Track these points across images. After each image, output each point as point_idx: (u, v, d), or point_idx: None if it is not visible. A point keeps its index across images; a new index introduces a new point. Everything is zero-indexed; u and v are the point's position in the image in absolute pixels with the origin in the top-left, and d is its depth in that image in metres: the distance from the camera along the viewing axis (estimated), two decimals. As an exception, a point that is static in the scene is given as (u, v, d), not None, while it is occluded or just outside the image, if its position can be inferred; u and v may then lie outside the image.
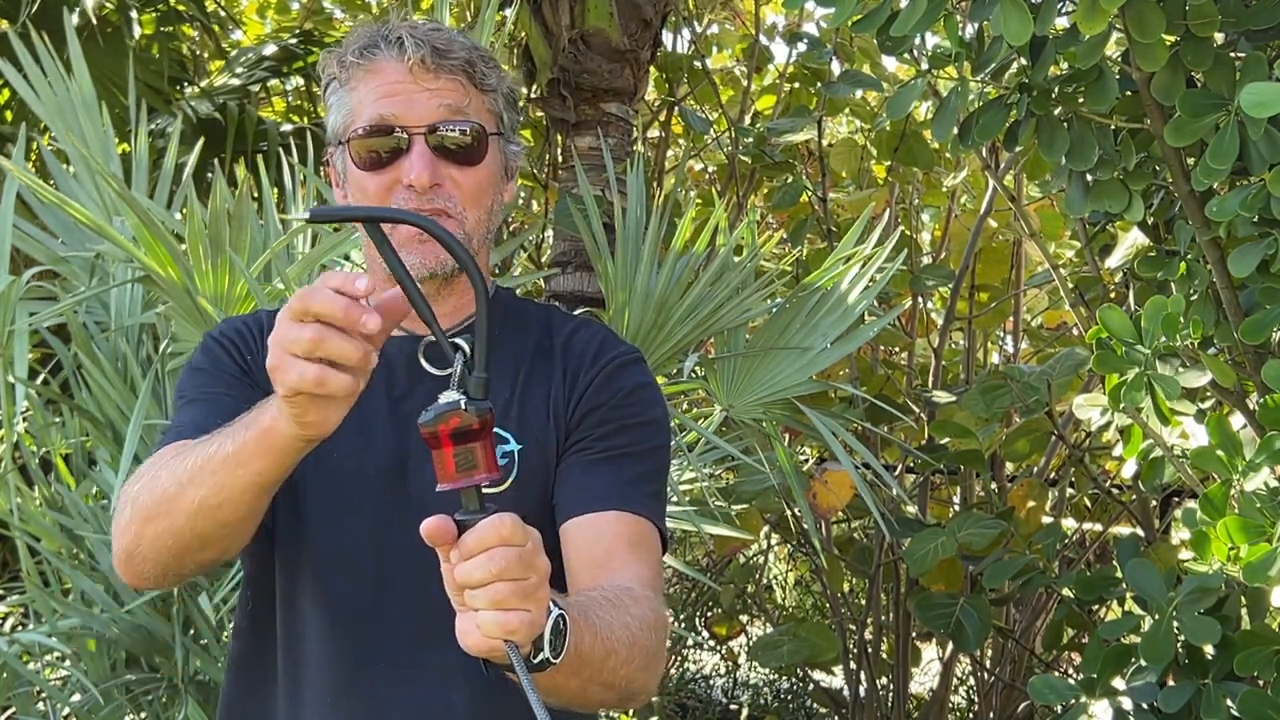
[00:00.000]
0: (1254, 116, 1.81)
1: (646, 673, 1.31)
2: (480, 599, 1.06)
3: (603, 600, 1.27)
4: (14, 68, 2.76)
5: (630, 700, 1.33)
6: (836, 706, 4.40)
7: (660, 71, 4.66)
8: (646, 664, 1.30)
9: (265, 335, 1.48)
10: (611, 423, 1.43)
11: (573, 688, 1.22)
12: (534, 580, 1.07)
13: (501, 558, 1.05)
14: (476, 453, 1.07)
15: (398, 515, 1.39)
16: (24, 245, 2.58)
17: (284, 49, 4.79)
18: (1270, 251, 1.99)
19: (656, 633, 1.32)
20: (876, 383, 4.06)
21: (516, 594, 1.06)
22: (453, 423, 1.06)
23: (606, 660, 1.23)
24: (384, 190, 1.41)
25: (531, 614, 1.07)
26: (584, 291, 3.42)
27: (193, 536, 1.26)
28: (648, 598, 1.34)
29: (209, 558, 1.32)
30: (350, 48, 1.43)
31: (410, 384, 1.45)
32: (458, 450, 1.07)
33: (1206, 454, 2.05)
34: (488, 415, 1.07)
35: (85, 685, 2.36)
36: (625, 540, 1.39)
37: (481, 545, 1.06)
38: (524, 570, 1.06)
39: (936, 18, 1.92)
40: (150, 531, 1.27)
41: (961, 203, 4.53)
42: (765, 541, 4.80)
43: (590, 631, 1.20)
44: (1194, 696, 2.22)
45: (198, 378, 1.46)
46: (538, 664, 1.13)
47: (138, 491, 1.29)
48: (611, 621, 1.25)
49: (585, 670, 1.20)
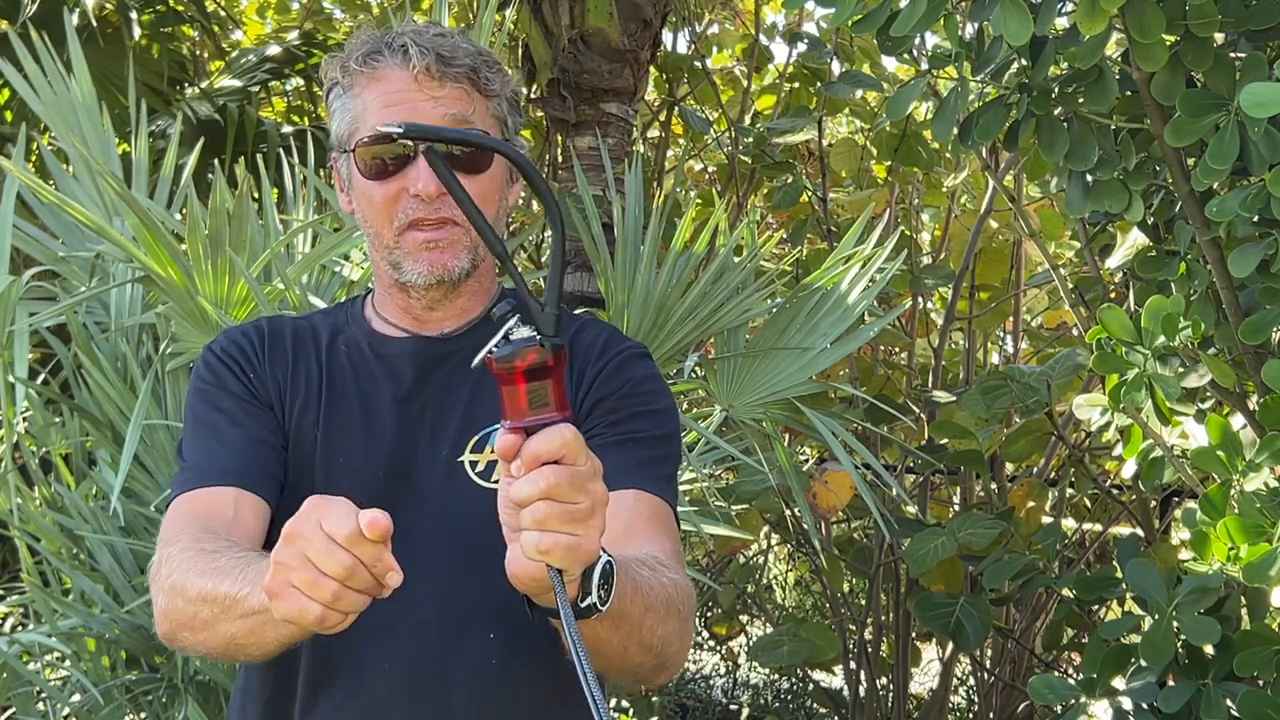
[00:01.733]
0: (1254, 116, 1.81)
1: (681, 638, 1.30)
2: (525, 518, 1.03)
3: (637, 560, 1.25)
4: (14, 68, 2.77)
5: (662, 670, 1.31)
6: (836, 706, 4.40)
7: (660, 71, 4.67)
8: (680, 628, 1.29)
9: (266, 344, 1.48)
10: (621, 410, 1.43)
11: (615, 644, 1.20)
12: (585, 505, 1.03)
13: (551, 474, 1.01)
14: (549, 390, 1.04)
15: (404, 514, 1.40)
16: (24, 245, 2.58)
17: (284, 49, 4.79)
18: (1270, 251, 1.99)
19: (688, 600, 1.31)
20: (876, 383, 4.06)
21: (560, 516, 1.02)
22: (529, 358, 1.04)
23: (645, 617, 1.21)
24: (390, 199, 1.41)
25: (576, 539, 1.03)
26: (584, 291, 3.42)
27: (227, 655, 1.27)
28: (675, 566, 1.33)
29: (249, 660, 1.33)
30: (354, 54, 1.43)
31: (416, 384, 1.46)
32: (531, 386, 1.04)
33: (1206, 454, 2.05)
34: (561, 353, 1.06)
35: (85, 685, 2.36)
36: (644, 516, 1.38)
37: (536, 459, 1.02)
38: (573, 493, 1.02)
39: (936, 18, 1.92)
40: (188, 639, 1.28)
41: (961, 203, 4.54)
42: (765, 541, 4.81)
43: (631, 584, 1.17)
44: (1194, 696, 2.22)
45: (207, 399, 1.46)
46: (584, 609, 1.09)
47: (170, 589, 1.27)
48: (650, 579, 1.23)
49: (625, 625, 1.18)
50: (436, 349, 1.48)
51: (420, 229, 1.41)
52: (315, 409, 1.46)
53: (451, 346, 1.48)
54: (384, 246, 1.43)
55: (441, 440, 1.42)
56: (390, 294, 1.50)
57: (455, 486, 1.41)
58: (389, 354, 1.48)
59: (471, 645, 1.39)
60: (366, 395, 1.46)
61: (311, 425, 1.45)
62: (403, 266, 1.42)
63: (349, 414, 1.45)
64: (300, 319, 1.58)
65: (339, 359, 1.49)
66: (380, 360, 1.48)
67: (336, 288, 2.60)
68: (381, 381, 1.47)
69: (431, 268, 1.41)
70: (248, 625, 1.19)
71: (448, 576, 1.39)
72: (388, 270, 1.45)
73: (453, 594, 1.39)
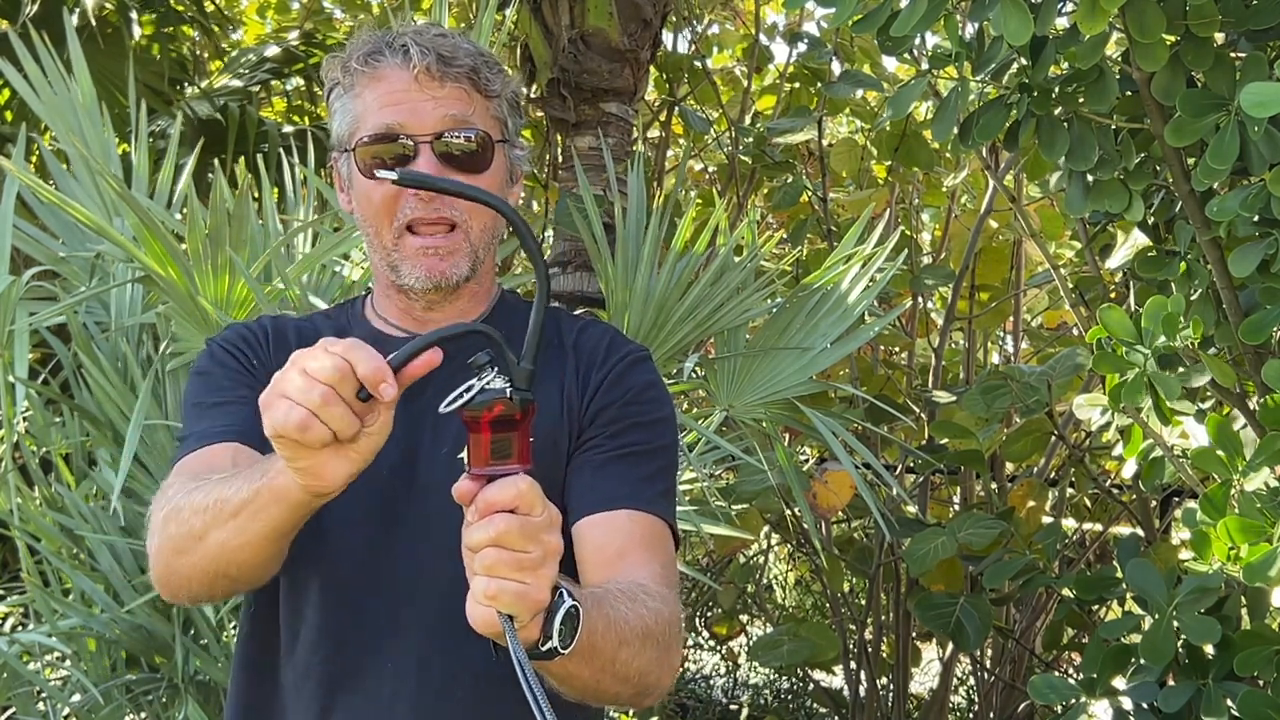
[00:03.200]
0: (1254, 116, 1.81)
1: (660, 666, 1.30)
2: (476, 563, 1.06)
3: (618, 593, 1.27)
4: (14, 68, 2.77)
5: (645, 696, 1.32)
6: (836, 706, 4.40)
7: (660, 71, 4.67)
8: (660, 657, 1.30)
9: (271, 339, 1.48)
10: (622, 420, 1.43)
11: (585, 677, 1.21)
12: (535, 555, 1.05)
13: (501, 523, 1.04)
14: (513, 442, 1.07)
15: (407, 512, 1.40)
16: (24, 245, 2.58)
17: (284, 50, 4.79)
18: (1270, 251, 1.99)
19: (671, 628, 1.32)
20: (876, 383, 4.06)
21: (509, 564, 1.05)
22: (496, 410, 1.07)
23: (619, 651, 1.22)
24: (390, 199, 1.41)
25: (524, 587, 1.05)
26: (584, 291, 3.42)
27: (218, 574, 1.28)
28: (662, 594, 1.34)
29: (239, 588, 1.35)
30: (354, 53, 1.43)
31: (418, 384, 1.45)
32: (495, 438, 1.07)
33: (1206, 454, 2.05)
34: (529, 407, 1.08)
35: (85, 685, 2.36)
36: (638, 539, 1.39)
37: (490, 507, 1.05)
38: (524, 542, 1.05)
39: (936, 18, 1.92)
40: (180, 564, 1.29)
41: (961, 203, 4.54)
42: (765, 541, 4.80)
43: (603, 620, 1.19)
44: (1194, 696, 2.22)
45: (207, 382, 1.46)
46: (544, 652, 1.11)
47: (164, 519, 1.30)
48: (626, 613, 1.24)
49: (597, 660, 1.19)
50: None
51: (419, 232, 1.41)
52: None
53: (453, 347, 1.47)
54: (382, 248, 1.43)
55: (443, 439, 1.41)
56: (389, 295, 1.50)
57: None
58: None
59: (474, 646, 1.38)
60: None
61: None
62: (400, 270, 1.42)
63: None
64: (303, 320, 1.58)
65: None
66: None
67: (336, 288, 2.60)
68: None
69: (429, 274, 1.41)
70: (238, 523, 1.20)
71: (450, 576, 1.39)
72: (386, 272, 1.45)
73: (455, 594, 1.39)
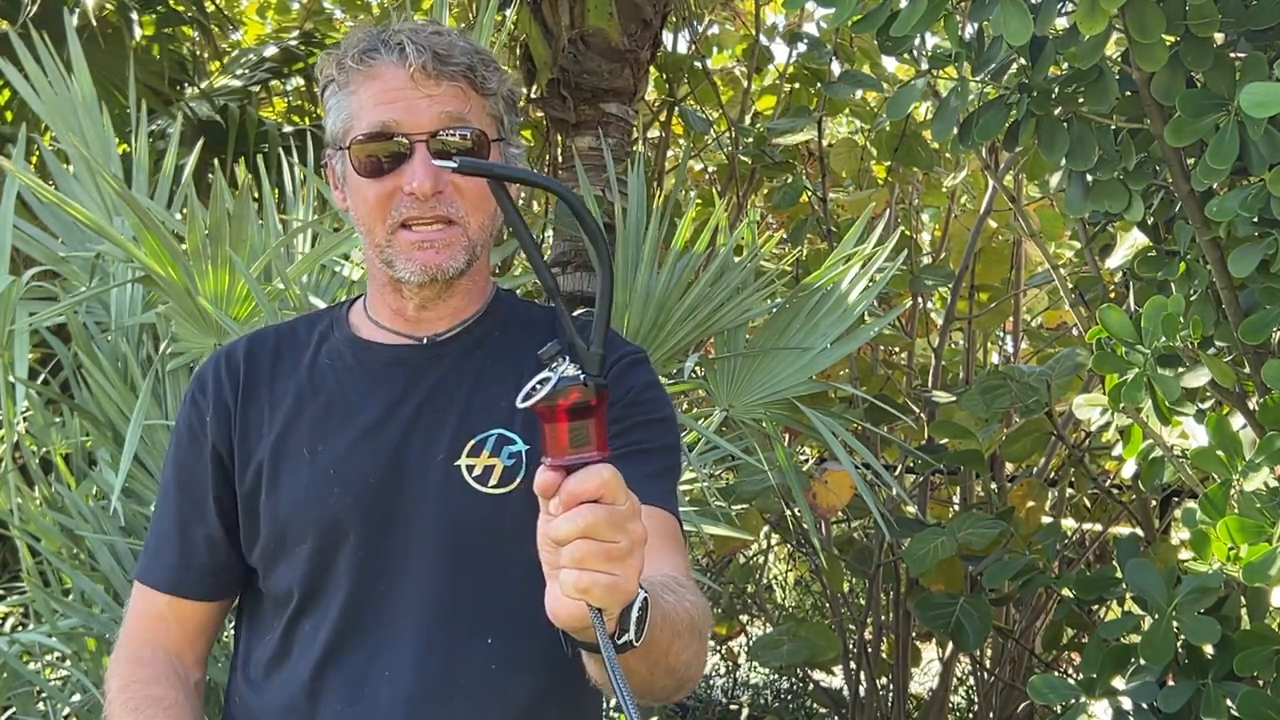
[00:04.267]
0: (1254, 116, 1.81)
1: (699, 659, 1.30)
2: (564, 556, 1.03)
3: (660, 584, 1.24)
4: (14, 68, 2.77)
5: (682, 689, 1.31)
6: (836, 706, 4.39)
7: (660, 71, 4.67)
8: (700, 649, 1.29)
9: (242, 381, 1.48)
10: (624, 420, 1.42)
11: (642, 674, 1.19)
12: (623, 544, 1.03)
13: (590, 513, 1.01)
14: (590, 429, 1.05)
15: (399, 520, 1.39)
16: (24, 245, 2.58)
17: (284, 50, 4.79)
18: (1270, 251, 1.99)
19: (707, 619, 1.31)
20: (876, 383, 4.06)
21: (599, 555, 1.02)
22: (572, 397, 1.04)
23: (672, 644, 1.21)
24: (385, 197, 1.40)
25: (615, 579, 1.03)
26: (584, 291, 3.42)
27: None
28: (692, 585, 1.33)
29: None
30: (350, 51, 1.42)
31: (406, 390, 1.45)
32: (573, 425, 1.04)
33: (1206, 454, 2.05)
34: (604, 393, 1.06)
35: (85, 685, 2.36)
36: (654, 533, 1.36)
37: (575, 498, 1.02)
38: (612, 532, 1.02)
39: (936, 18, 1.92)
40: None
41: (961, 203, 4.54)
42: (765, 541, 4.81)
43: (660, 613, 1.17)
44: (1194, 696, 2.22)
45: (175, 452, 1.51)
46: (620, 645, 1.09)
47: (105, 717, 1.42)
48: (675, 605, 1.23)
49: (654, 653, 1.17)
50: (427, 354, 1.46)
51: (413, 229, 1.40)
52: (301, 422, 1.44)
53: (443, 350, 1.47)
54: (376, 244, 1.43)
55: (436, 445, 1.40)
56: (383, 294, 1.48)
57: (451, 491, 1.39)
58: (377, 361, 1.47)
59: (470, 651, 1.38)
60: (353, 404, 1.44)
61: (298, 439, 1.43)
62: (395, 264, 1.41)
63: (337, 424, 1.43)
64: (283, 327, 1.56)
65: (324, 368, 1.48)
66: (367, 367, 1.47)
67: (336, 288, 2.60)
68: (369, 389, 1.45)
69: (425, 267, 1.40)
70: None
71: (445, 582, 1.38)
72: (381, 268, 1.44)
73: (450, 599, 1.38)
